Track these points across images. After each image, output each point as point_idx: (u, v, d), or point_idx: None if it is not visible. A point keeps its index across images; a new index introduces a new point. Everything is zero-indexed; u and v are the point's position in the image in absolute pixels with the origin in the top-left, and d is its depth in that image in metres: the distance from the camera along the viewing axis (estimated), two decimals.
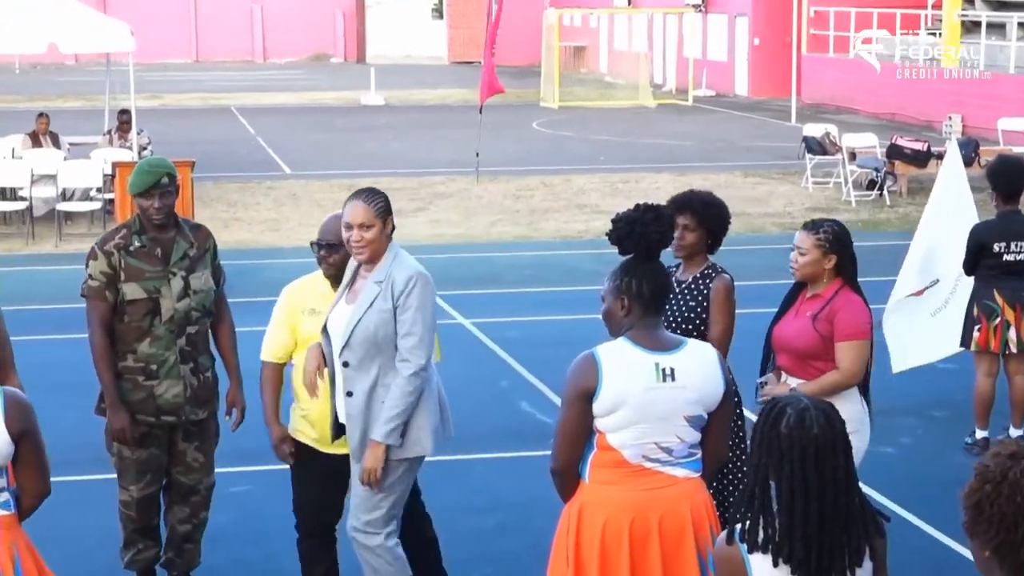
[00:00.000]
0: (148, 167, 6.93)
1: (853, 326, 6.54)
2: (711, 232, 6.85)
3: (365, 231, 6.21)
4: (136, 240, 6.91)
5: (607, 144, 30.20)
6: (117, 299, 6.88)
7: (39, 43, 18.66)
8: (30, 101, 38.52)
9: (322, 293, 6.60)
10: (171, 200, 6.93)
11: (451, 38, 63.91)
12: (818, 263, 6.62)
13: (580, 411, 5.02)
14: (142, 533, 7.22)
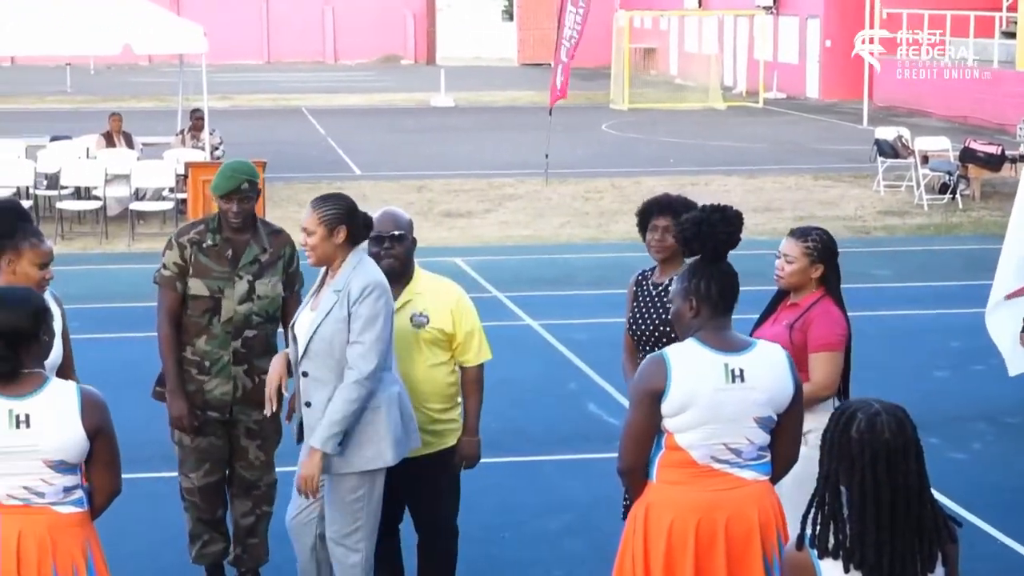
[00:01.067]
0: (230, 171, 6.99)
1: (826, 337, 6.35)
2: None
3: (308, 236, 6.22)
4: (210, 238, 6.99)
5: (677, 146, 30.12)
6: (184, 292, 6.98)
7: (114, 44, 18.84)
8: (104, 102, 38.89)
9: None
10: (250, 205, 7.00)
11: (521, 40, 63.93)
12: (805, 272, 6.44)
13: (648, 411, 5.01)
14: (207, 524, 7.28)
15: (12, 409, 4.86)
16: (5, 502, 4.92)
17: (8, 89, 45.37)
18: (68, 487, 4.97)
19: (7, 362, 4.88)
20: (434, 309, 6.49)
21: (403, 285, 6.50)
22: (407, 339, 6.45)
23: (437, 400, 6.56)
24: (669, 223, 6.52)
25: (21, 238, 5.88)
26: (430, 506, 6.73)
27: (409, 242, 6.52)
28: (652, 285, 6.69)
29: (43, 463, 4.89)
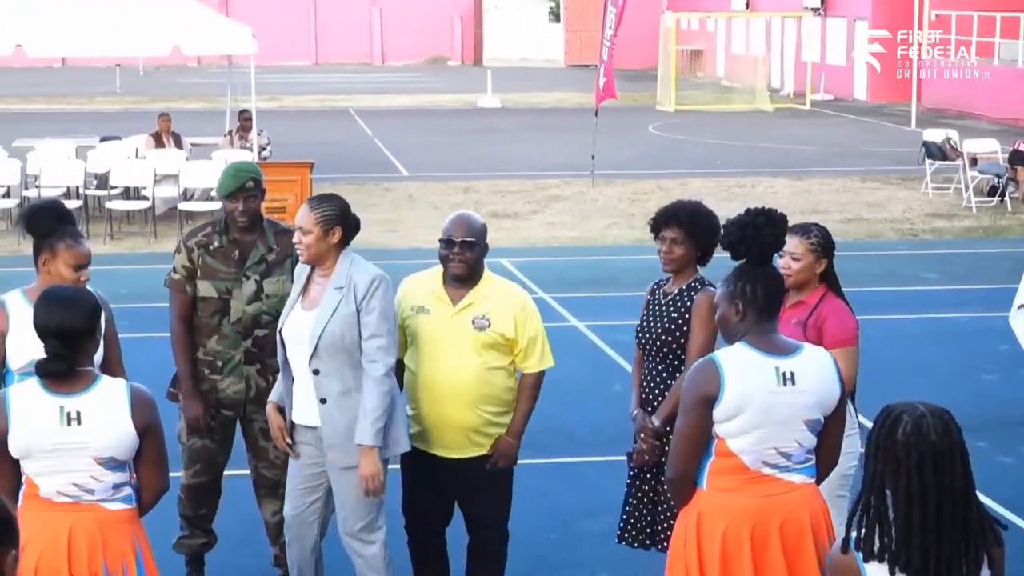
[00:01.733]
0: (234, 171, 7.12)
1: (842, 332, 6.38)
2: (699, 245, 6.57)
3: (304, 235, 6.31)
4: (217, 239, 7.10)
5: (723, 148, 30.05)
6: (194, 294, 7.08)
7: (163, 45, 18.97)
8: (153, 102, 39.11)
9: (432, 291, 6.58)
10: (256, 204, 7.10)
11: (568, 41, 63.90)
12: (811, 268, 6.48)
13: (701, 417, 5.00)
14: (190, 521, 7.42)
15: (63, 406, 4.92)
16: (56, 499, 4.97)
17: (59, 90, 45.72)
18: (117, 484, 5.02)
19: (64, 360, 4.93)
20: (497, 313, 6.50)
21: (468, 288, 6.53)
22: (465, 341, 6.46)
23: (493, 403, 6.56)
24: (676, 235, 6.50)
25: (58, 238, 5.92)
26: (482, 507, 6.74)
27: (480, 248, 6.52)
28: (663, 294, 6.67)
29: (93, 460, 4.94)
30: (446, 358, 6.47)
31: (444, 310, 6.51)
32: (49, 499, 4.97)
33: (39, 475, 4.97)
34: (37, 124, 31.85)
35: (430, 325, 6.51)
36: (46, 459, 4.93)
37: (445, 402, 6.48)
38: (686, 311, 6.53)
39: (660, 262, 6.61)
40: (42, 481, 4.97)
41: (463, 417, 6.50)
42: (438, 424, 6.53)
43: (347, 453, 6.36)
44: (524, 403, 6.65)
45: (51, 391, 4.94)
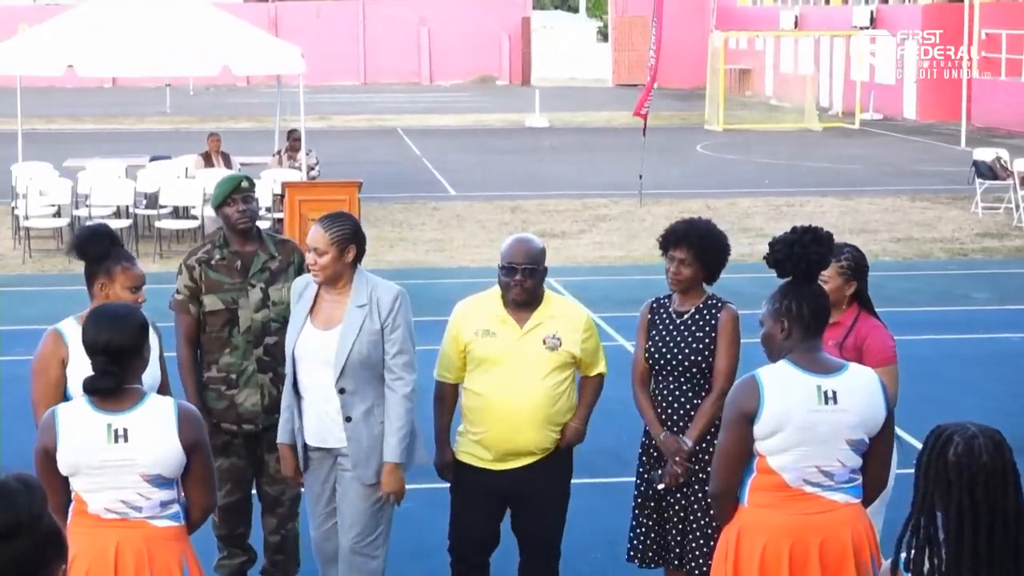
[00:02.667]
0: (226, 178, 7.31)
1: (884, 351, 6.41)
2: (707, 267, 6.59)
3: (319, 256, 6.33)
4: (218, 253, 7.20)
5: (772, 167, 29.96)
6: (200, 312, 7.13)
7: (213, 65, 19.09)
8: (203, 122, 39.36)
9: (496, 314, 6.54)
10: (253, 205, 7.21)
11: (616, 61, 63.93)
12: (840, 291, 6.45)
13: (741, 434, 5.00)
14: (227, 541, 7.46)
15: (111, 424, 4.94)
16: (104, 516, 4.99)
17: (109, 110, 46.08)
18: (165, 501, 5.03)
19: (111, 377, 4.95)
20: (567, 331, 6.54)
21: (532, 310, 6.52)
22: (535, 361, 6.47)
23: (558, 420, 6.59)
24: (686, 256, 6.51)
25: (114, 262, 5.94)
26: (535, 525, 6.70)
27: (541, 273, 6.51)
28: (675, 314, 6.62)
29: (141, 477, 4.95)
30: (516, 380, 6.45)
31: (511, 332, 6.49)
32: (97, 516, 4.99)
33: (87, 492, 4.99)
34: (88, 144, 32.08)
35: (498, 348, 6.48)
36: (94, 476, 4.95)
37: (518, 424, 6.46)
38: (711, 330, 6.52)
39: (668, 281, 6.60)
40: (90, 498, 4.99)
41: (534, 437, 6.51)
42: (508, 445, 6.51)
43: (371, 469, 6.43)
44: (590, 396, 6.75)
45: (99, 408, 4.96)
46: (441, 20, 65.19)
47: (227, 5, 36.42)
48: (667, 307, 6.68)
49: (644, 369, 6.69)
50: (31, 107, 24.24)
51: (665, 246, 6.63)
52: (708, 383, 6.52)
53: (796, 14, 52.43)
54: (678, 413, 6.56)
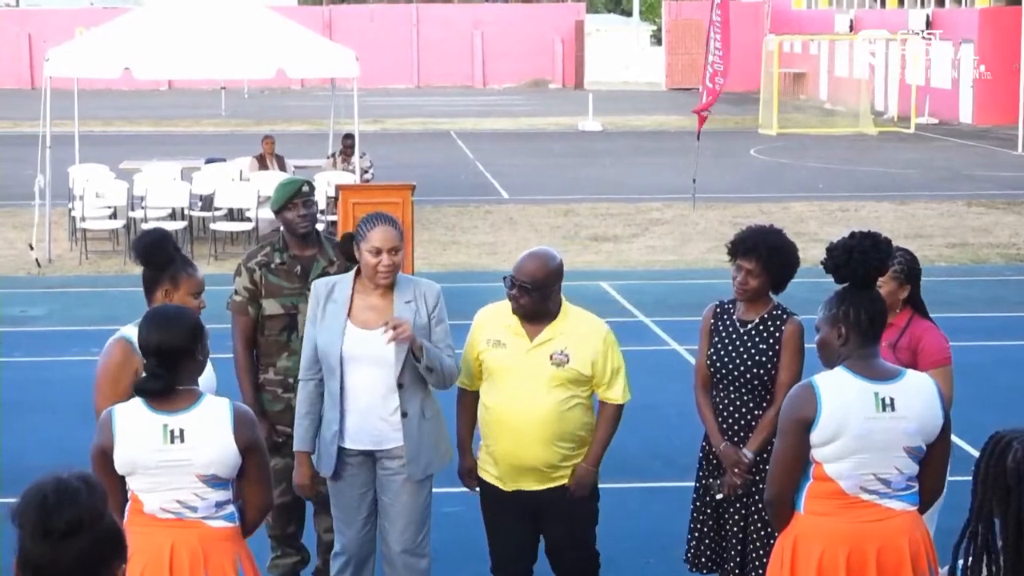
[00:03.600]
0: (286, 182, 7.29)
1: (939, 352, 6.38)
2: (775, 277, 6.50)
3: (395, 255, 6.30)
4: (277, 257, 7.20)
5: (826, 171, 29.83)
6: (258, 314, 7.14)
7: (268, 68, 19.15)
8: (257, 125, 39.55)
9: (508, 325, 6.42)
10: (314, 209, 7.23)
11: (669, 64, 63.82)
12: (893, 294, 6.40)
13: (797, 440, 4.97)
14: (280, 540, 7.49)
15: (167, 424, 4.97)
16: (159, 515, 5.03)
17: (165, 112, 46.38)
18: (220, 502, 5.06)
19: (161, 379, 4.99)
20: (577, 348, 6.36)
21: (546, 322, 6.38)
22: (541, 376, 6.32)
23: (569, 439, 6.42)
24: (754, 267, 6.42)
25: (179, 269, 5.91)
26: (565, 532, 6.59)
27: (541, 293, 6.30)
28: (739, 322, 6.55)
29: (196, 477, 4.99)
30: (522, 394, 6.33)
31: (520, 344, 6.37)
32: (153, 515, 5.03)
33: (143, 492, 5.03)
34: (144, 146, 32.32)
35: (506, 360, 6.39)
36: (150, 476, 4.99)
37: (521, 439, 6.35)
38: (775, 342, 6.46)
39: (733, 289, 6.54)
40: (146, 498, 5.03)
41: (539, 454, 6.37)
42: (513, 460, 6.42)
43: (424, 465, 6.46)
44: (603, 431, 6.50)
45: (155, 409, 5.00)
46: (495, 24, 65.27)
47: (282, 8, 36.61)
48: (731, 313, 6.61)
49: (706, 375, 6.63)
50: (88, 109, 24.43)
51: (733, 254, 6.53)
52: (769, 394, 6.46)
53: (851, 17, 52.18)
54: (739, 423, 6.52)
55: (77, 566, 3.18)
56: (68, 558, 3.16)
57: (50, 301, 16.03)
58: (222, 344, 6.46)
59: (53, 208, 19.26)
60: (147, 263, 5.92)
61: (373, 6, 65.90)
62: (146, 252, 5.92)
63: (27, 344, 13.73)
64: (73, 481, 3.21)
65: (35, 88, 50.32)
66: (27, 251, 18.54)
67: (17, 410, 11.30)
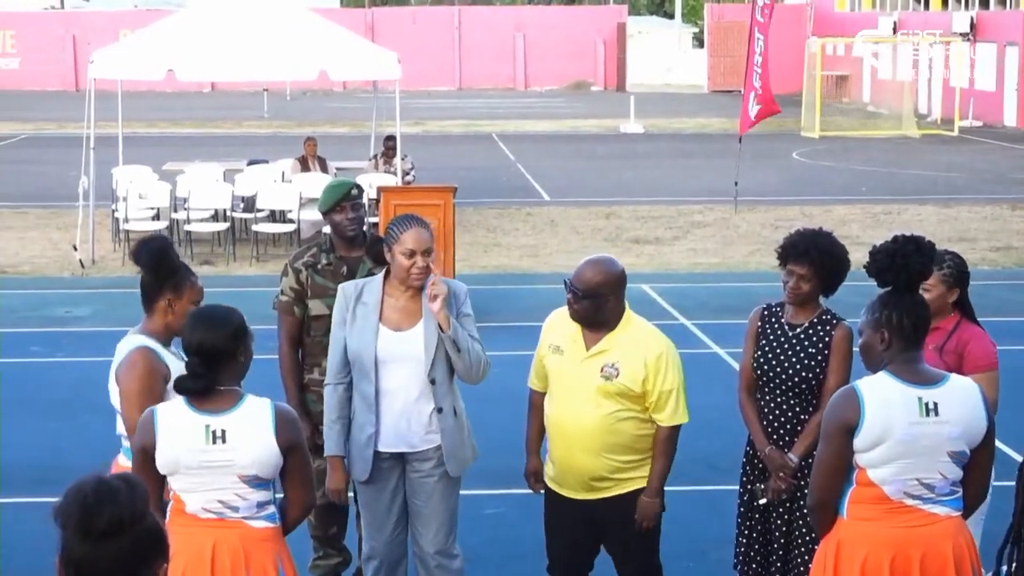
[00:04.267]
0: (336, 184, 7.30)
1: (986, 357, 6.33)
2: (826, 281, 6.47)
3: (428, 257, 6.30)
4: (324, 258, 7.22)
5: (869, 174, 29.70)
6: (304, 315, 7.16)
7: (310, 70, 19.20)
8: (299, 126, 39.68)
9: (569, 332, 6.34)
10: (362, 212, 7.23)
11: (711, 67, 63.70)
12: (942, 297, 6.37)
13: (840, 445, 4.94)
14: (322, 541, 7.50)
15: (209, 425, 4.99)
16: (201, 515, 5.05)
17: (208, 114, 46.60)
18: (262, 502, 5.08)
19: (201, 379, 5.00)
20: (629, 363, 6.21)
21: (604, 332, 6.26)
22: (590, 388, 6.23)
23: (621, 451, 6.30)
24: (806, 272, 6.39)
25: (182, 277, 5.81)
26: (625, 545, 6.52)
27: (598, 302, 6.21)
28: (787, 326, 6.53)
29: (238, 478, 5.00)
30: (573, 402, 6.27)
31: (576, 353, 6.29)
32: (195, 515, 5.05)
33: (185, 492, 5.05)
34: (187, 147, 32.47)
35: (561, 367, 6.33)
36: (192, 476, 5.01)
37: (573, 446, 6.29)
38: (824, 347, 6.43)
39: (785, 293, 6.51)
40: (188, 498, 5.05)
41: (589, 464, 6.29)
42: (566, 467, 6.38)
43: (459, 461, 6.49)
44: (659, 459, 6.33)
45: (197, 409, 5.02)
46: (536, 26, 65.30)
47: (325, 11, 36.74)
48: (779, 317, 6.58)
49: (751, 378, 6.59)
50: (132, 111, 24.55)
51: (784, 259, 6.50)
52: (816, 399, 6.42)
53: (895, 20, 51.94)
54: (784, 427, 6.49)
55: (118, 565, 3.20)
56: (109, 557, 3.18)
57: (94, 301, 16.12)
58: (264, 345, 6.48)
59: (97, 209, 19.36)
60: (153, 271, 5.77)
61: (415, 8, 66.10)
62: (155, 261, 5.78)
63: (71, 344, 13.80)
64: (114, 481, 3.23)
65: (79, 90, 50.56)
66: (71, 252, 18.66)
67: (62, 410, 11.37)
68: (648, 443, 6.34)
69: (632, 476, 6.36)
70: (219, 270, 18.23)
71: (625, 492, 6.37)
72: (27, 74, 62.03)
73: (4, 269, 18.05)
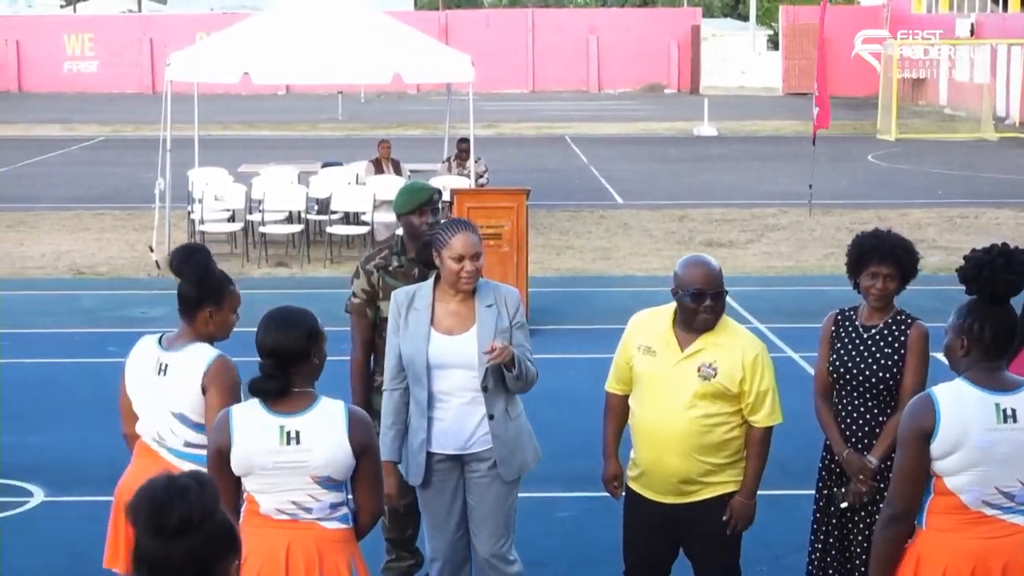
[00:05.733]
0: (418, 187, 7.35)
1: None
2: (905, 280, 6.49)
3: (477, 261, 6.29)
4: (396, 260, 7.26)
5: (945, 178, 29.42)
6: (376, 317, 7.18)
7: (384, 73, 19.29)
8: (373, 129, 39.82)
9: (661, 333, 6.30)
10: (439, 218, 7.25)
11: (786, 69, 63.34)
12: None
13: (918, 453, 4.87)
14: (396, 544, 7.52)
15: (283, 426, 5.02)
16: (275, 516, 5.07)
17: (283, 117, 46.87)
18: (335, 504, 5.10)
19: (275, 380, 5.03)
20: (727, 363, 6.19)
21: (699, 333, 6.25)
22: (687, 388, 6.19)
23: (714, 453, 6.26)
24: (891, 271, 6.38)
25: (222, 287, 5.77)
26: (706, 550, 6.46)
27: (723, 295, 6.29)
28: (861, 328, 6.49)
29: (311, 479, 5.03)
30: (666, 404, 6.21)
31: (670, 354, 6.24)
32: (268, 516, 5.08)
33: (259, 492, 5.08)
34: (262, 150, 32.69)
35: (654, 368, 6.26)
36: (266, 477, 5.04)
37: (664, 448, 6.24)
38: (900, 347, 6.40)
39: (870, 297, 6.46)
40: (262, 499, 5.08)
41: (681, 465, 6.24)
42: (654, 470, 6.32)
43: (514, 465, 6.47)
44: (753, 460, 6.33)
45: (272, 411, 5.05)
46: (610, 28, 65.18)
47: (399, 13, 36.85)
48: (853, 320, 6.54)
49: (827, 382, 6.56)
50: (208, 114, 24.75)
51: (865, 263, 6.47)
52: (894, 400, 6.39)
53: (972, 22, 51.44)
54: (863, 430, 6.45)
55: (190, 562, 3.22)
56: (180, 554, 3.21)
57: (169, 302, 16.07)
58: (336, 347, 6.50)
59: (173, 211, 19.54)
60: (199, 282, 5.74)
61: (489, 11, 66.18)
62: (199, 276, 5.74)
63: None
64: (184, 479, 3.25)
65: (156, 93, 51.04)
66: (147, 253, 18.82)
67: None
68: (736, 446, 6.32)
69: (719, 480, 6.33)
70: (293, 272, 18.34)
71: (711, 496, 6.33)
72: (105, 77, 62.70)
73: (82, 270, 18.25)
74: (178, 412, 5.70)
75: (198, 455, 5.59)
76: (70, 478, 9.92)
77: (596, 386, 6.76)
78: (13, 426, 11.10)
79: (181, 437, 5.73)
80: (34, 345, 14.07)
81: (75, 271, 18.26)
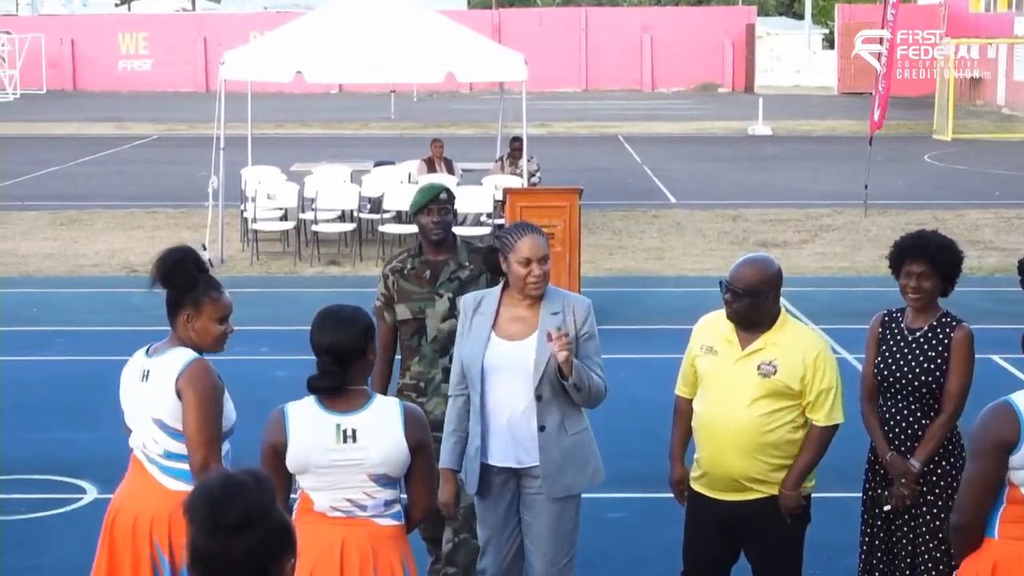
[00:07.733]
0: (425, 187, 7.29)
1: None
2: (945, 279, 6.41)
3: (544, 264, 6.18)
4: (411, 262, 7.25)
5: (1003, 178, 29.17)
6: (394, 319, 7.18)
7: (437, 72, 19.29)
8: (426, 128, 39.87)
9: (723, 333, 6.29)
10: (448, 216, 7.21)
11: (841, 68, 62.96)
12: None
13: (995, 463, 4.74)
14: (435, 544, 7.43)
15: (340, 424, 5.03)
16: (329, 514, 5.08)
17: (336, 115, 47.02)
18: (389, 501, 5.11)
19: (335, 378, 5.04)
20: (787, 361, 6.17)
21: (760, 332, 6.22)
22: (747, 386, 6.17)
23: (774, 453, 6.23)
24: (925, 269, 6.34)
25: (201, 292, 5.48)
26: (768, 554, 6.43)
27: (757, 299, 6.18)
28: (907, 330, 6.44)
29: (367, 476, 5.03)
30: (725, 402, 6.21)
31: (731, 353, 6.24)
32: (323, 513, 5.08)
33: (314, 490, 5.08)
34: (314, 148, 32.80)
35: (716, 367, 6.26)
36: (322, 475, 5.04)
37: (723, 446, 6.23)
38: (944, 350, 6.36)
39: (907, 297, 6.41)
40: (317, 496, 5.08)
41: (741, 464, 6.23)
42: (715, 467, 6.30)
43: (561, 483, 6.26)
44: (806, 453, 6.27)
45: (328, 409, 5.06)
46: (664, 27, 65.04)
47: (452, 12, 36.90)
48: (899, 322, 6.50)
49: (872, 385, 6.52)
50: (261, 112, 24.83)
51: (899, 262, 6.44)
52: (937, 403, 6.35)
53: None
54: (905, 433, 6.40)
55: (247, 560, 3.22)
56: (237, 552, 3.20)
57: None
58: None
59: (226, 209, 19.61)
60: (168, 286, 5.49)
61: (542, 9, 66.15)
62: (166, 275, 5.47)
63: None
64: (241, 476, 3.25)
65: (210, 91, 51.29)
66: (200, 251, 18.87)
67: None
68: (798, 447, 6.29)
69: (780, 479, 6.29)
70: (345, 270, 18.37)
71: (771, 495, 6.30)
72: (159, 75, 63.10)
73: (135, 268, 18.34)
74: (157, 418, 5.49)
75: (180, 469, 5.42)
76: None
77: (648, 386, 6.74)
78: (66, 423, 11.17)
79: (161, 445, 5.51)
80: (87, 343, 14.15)
81: (128, 269, 18.35)
